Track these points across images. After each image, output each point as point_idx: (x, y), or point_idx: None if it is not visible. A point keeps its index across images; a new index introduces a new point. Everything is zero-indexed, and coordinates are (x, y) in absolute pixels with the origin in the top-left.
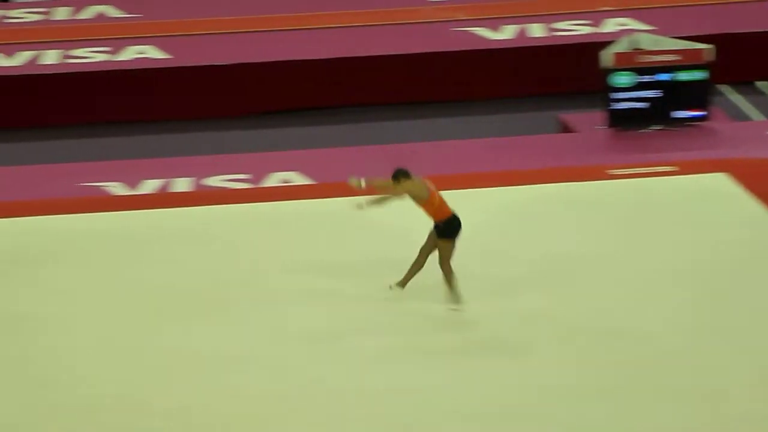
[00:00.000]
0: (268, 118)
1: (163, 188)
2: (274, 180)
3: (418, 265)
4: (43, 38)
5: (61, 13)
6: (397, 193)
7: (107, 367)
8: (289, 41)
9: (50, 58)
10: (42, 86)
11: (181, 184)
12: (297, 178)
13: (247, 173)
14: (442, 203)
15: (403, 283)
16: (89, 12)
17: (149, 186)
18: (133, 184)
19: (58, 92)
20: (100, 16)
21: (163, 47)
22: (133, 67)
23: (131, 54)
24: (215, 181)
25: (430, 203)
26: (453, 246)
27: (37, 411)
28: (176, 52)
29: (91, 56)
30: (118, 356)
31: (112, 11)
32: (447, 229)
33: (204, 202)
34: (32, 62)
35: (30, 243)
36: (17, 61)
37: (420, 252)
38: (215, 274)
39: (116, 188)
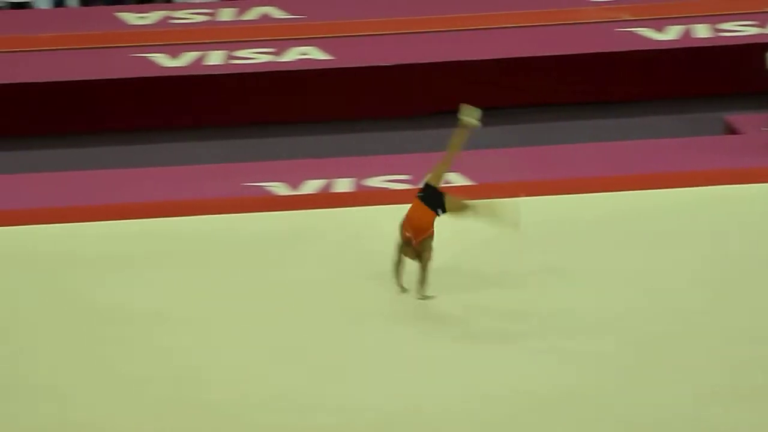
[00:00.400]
0: (430, 119)
1: (325, 188)
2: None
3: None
4: (207, 39)
5: (226, 15)
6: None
7: (268, 367)
8: (453, 42)
9: (215, 58)
10: (206, 87)
11: (343, 185)
12: (458, 179)
13: (409, 174)
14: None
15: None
16: (253, 13)
17: (311, 186)
18: (295, 184)
19: (221, 92)
20: (264, 17)
21: (325, 48)
22: (296, 68)
23: (294, 55)
24: (377, 182)
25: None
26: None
27: (191, 409)
28: (339, 53)
29: (255, 57)
30: (282, 355)
31: (276, 12)
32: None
33: (366, 203)
34: (197, 63)
35: (190, 242)
36: (182, 61)
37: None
38: (375, 275)
39: (279, 188)
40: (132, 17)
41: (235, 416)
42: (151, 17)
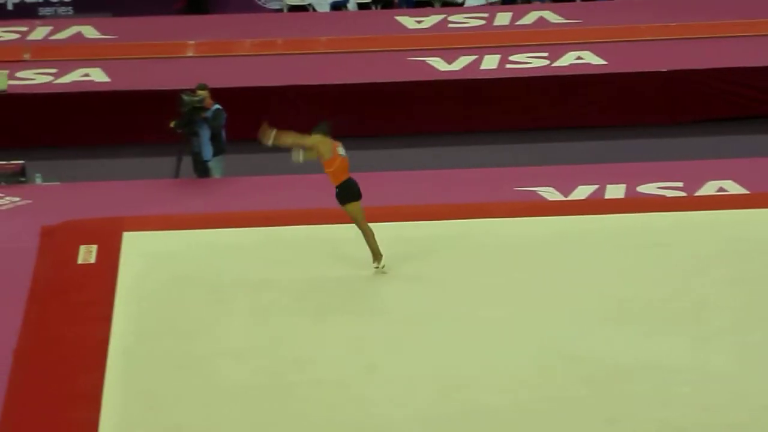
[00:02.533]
0: (703, 126)
1: (595, 194)
2: (708, 189)
3: (366, 234)
4: (483, 43)
5: (502, 19)
6: (305, 144)
7: (539, 371)
8: (726, 48)
9: (489, 63)
10: (481, 90)
11: (614, 191)
12: (733, 187)
13: (680, 181)
14: (341, 169)
15: (377, 258)
16: (529, 17)
17: (582, 192)
18: (565, 189)
19: (496, 96)
20: (540, 21)
21: (598, 53)
22: (569, 73)
23: (569, 60)
24: (649, 189)
25: (329, 163)
26: (358, 208)
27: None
28: (611, 58)
29: (529, 62)
30: (554, 360)
31: (551, 17)
32: (342, 193)
33: (637, 210)
34: (472, 66)
35: (458, 246)
36: (458, 65)
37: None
38: (647, 282)
39: (549, 193)
40: (410, 21)
41: (510, 424)
42: (428, 21)
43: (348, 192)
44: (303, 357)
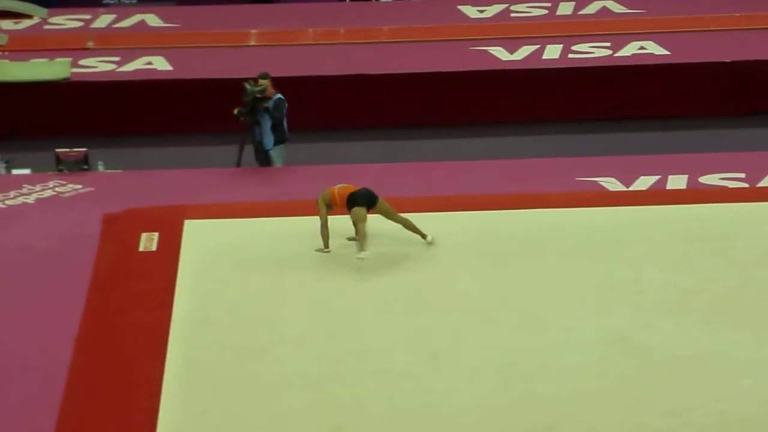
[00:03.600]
0: (761, 117)
1: (657, 185)
2: None
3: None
4: (546, 33)
5: (564, 8)
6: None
7: (599, 361)
8: None
9: (551, 53)
10: (543, 80)
11: (676, 182)
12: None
13: (743, 172)
14: (342, 192)
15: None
16: (592, 7)
17: (643, 182)
18: (627, 180)
19: (560, 87)
20: (603, 11)
21: (661, 43)
22: (632, 63)
23: (632, 50)
24: (711, 180)
25: (339, 206)
26: (359, 213)
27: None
28: (674, 48)
29: (592, 51)
30: (615, 350)
31: (614, 6)
32: (348, 202)
33: (699, 200)
34: (534, 56)
35: (519, 236)
36: (520, 55)
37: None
38: (710, 274)
39: (611, 184)
40: (472, 10)
41: (570, 413)
42: (490, 10)
43: (351, 200)
44: (364, 346)
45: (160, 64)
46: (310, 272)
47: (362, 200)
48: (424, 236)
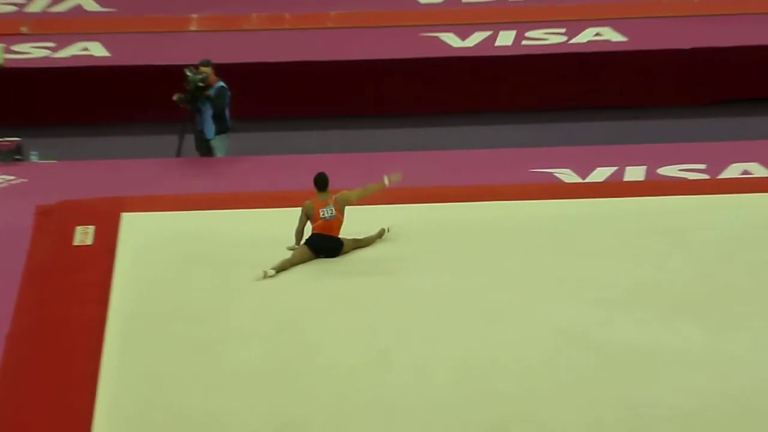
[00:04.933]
0: (727, 106)
1: (614, 176)
2: (732, 171)
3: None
4: (499, 19)
5: None
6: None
7: (553, 356)
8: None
9: (504, 39)
10: (497, 68)
11: (634, 173)
12: (758, 170)
13: (703, 163)
14: (320, 227)
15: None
16: None
17: (600, 174)
18: (583, 171)
19: (513, 75)
20: None
21: (618, 29)
22: (588, 50)
23: (588, 36)
24: (670, 171)
25: (313, 221)
26: (305, 252)
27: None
28: (632, 35)
29: (545, 38)
30: (569, 345)
31: None
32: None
33: (657, 192)
34: (486, 43)
35: (471, 229)
36: (472, 41)
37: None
38: (667, 268)
39: (566, 175)
40: None
41: (524, 410)
42: None
43: (310, 242)
44: (313, 342)
45: (97, 50)
46: (254, 268)
47: (314, 247)
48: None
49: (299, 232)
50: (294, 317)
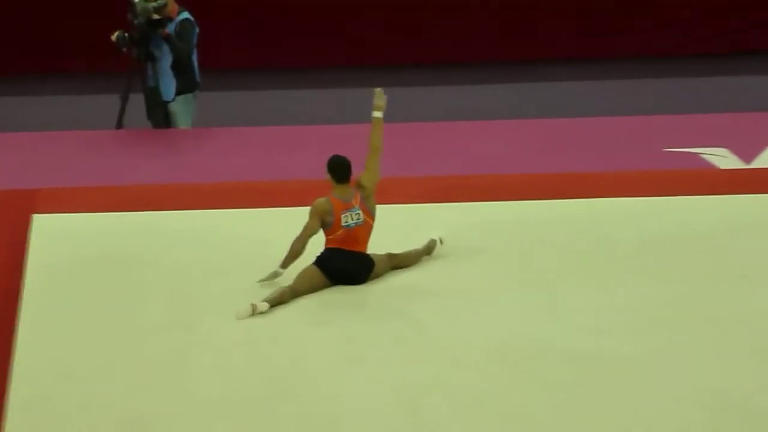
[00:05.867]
0: None
1: None
2: None
3: (291, 291)
4: None
5: None
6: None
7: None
8: None
9: None
10: None
11: None
12: None
13: None
14: (337, 240)
15: (269, 301)
16: None
17: None
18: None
19: None
20: None
21: None
22: None
23: None
24: None
25: (329, 233)
26: (316, 275)
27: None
28: None
29: None
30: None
31: None
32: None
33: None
34: None
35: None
36: None
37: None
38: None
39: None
40: None
41: None
42: None
43: (324, 262)
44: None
45: None
46: (230, 300)
47: (332, 271)
48: (267, 301)
49: (299, 251)
50: (285, 380)
